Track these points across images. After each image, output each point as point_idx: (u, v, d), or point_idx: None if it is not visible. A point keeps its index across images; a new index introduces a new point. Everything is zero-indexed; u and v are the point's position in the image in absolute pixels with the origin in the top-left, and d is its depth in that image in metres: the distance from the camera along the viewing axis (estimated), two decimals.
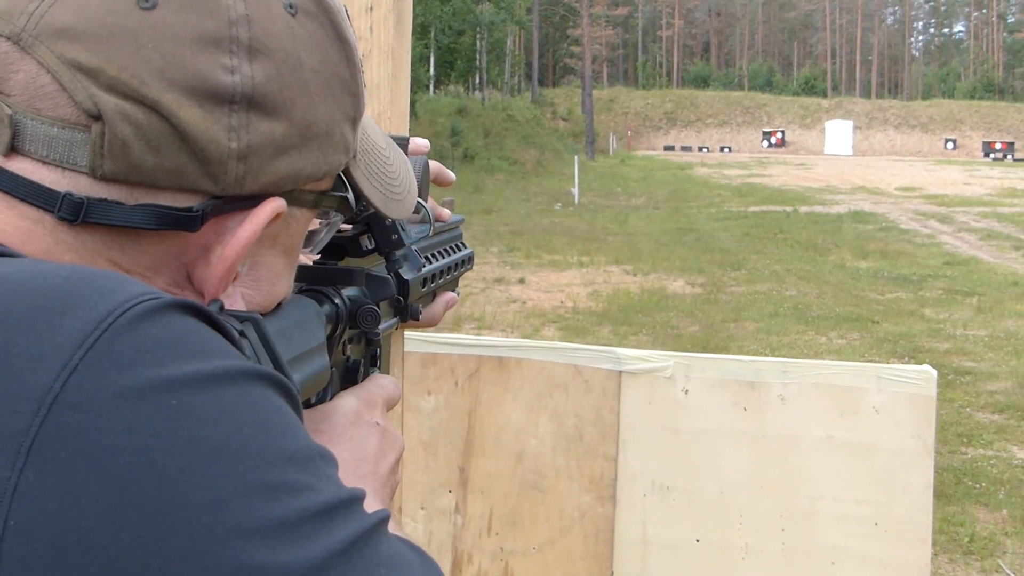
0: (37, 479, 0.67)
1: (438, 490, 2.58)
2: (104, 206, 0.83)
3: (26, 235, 0.84)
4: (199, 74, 0.82)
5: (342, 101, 0.94)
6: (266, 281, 0.97)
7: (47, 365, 0.69)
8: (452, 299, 1.52)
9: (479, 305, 14.45)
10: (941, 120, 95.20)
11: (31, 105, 0.81)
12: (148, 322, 0.73)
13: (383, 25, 1.46)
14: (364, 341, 1.28)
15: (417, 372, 2.54)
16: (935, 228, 25.34)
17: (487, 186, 35.86)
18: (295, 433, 0.78)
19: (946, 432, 8.62)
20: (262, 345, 0.92)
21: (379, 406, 1.17)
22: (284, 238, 0.96)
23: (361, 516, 0.78)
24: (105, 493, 0.67)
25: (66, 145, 0.81)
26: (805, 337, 12.77)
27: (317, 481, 0.76)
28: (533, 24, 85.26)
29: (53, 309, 0.72)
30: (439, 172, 1.48)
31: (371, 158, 1.05)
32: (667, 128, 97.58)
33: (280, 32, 0.87)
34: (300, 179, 0.92)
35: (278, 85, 0.86)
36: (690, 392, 2.48)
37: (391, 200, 1.08)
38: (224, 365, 0.75)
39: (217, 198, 0.87)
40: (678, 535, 2.49)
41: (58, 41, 0.80)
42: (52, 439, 0.67)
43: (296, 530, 0.72)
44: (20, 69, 0.81)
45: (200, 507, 0.69)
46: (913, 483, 2.40)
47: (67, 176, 0.82)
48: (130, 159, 0.82)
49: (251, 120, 0.85)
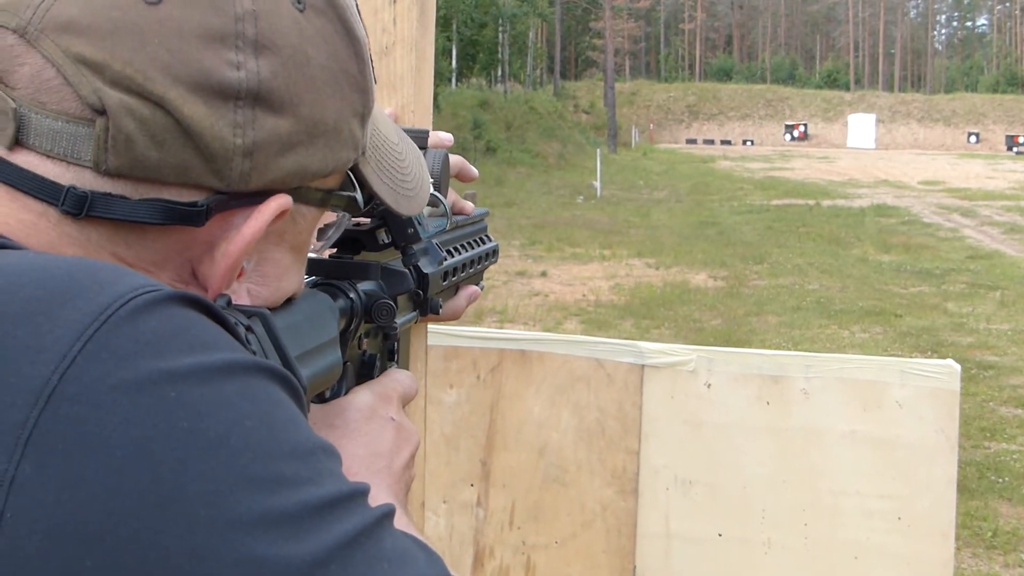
0: (35, 471, 0.66)
1: (460, 484, 2.58)
2: (108, 200, 0.83)
3: (30, 228, 0.83)
4: (204, 70, 0.82)
5: (350, 97, 0.93)
6: (272, 277, 0.97)
7: (45, 357, 0.69)
8: (475, 292, 1.52)
9: (501, 298, 14.45)
10: (964, 114, 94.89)
11: (36, 99, 0.81)
12: (148, 314, 0.72)
13: (406, 17, 1.45)
14: (381, 335, 1.28)
15: (439, 365, 2.54)
16: (958, 222, 25.24)
17: (509, 179, 35.83)
18: (297, 427, 0.77)
19: (969, 426, 8.59)
20: (270, 340, 0.92)
21: (394, 401, 1.17)
22: (291, 235, 0.96)
23: (364, 510, 0.78)
24: (103, 485, 0.67)
25: (70, 139, 0.81)
26: (828, 331, 12.73)
27: (319, 475, 0.75)
28: (555, 17, 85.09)
29: (52, 301, 0.71)
30: (462, 167, 1.47)
31: (382, 154, 1.05)
32: (689, 121, 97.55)
33: (287, 28, 0.87)
34: (307, 176, 0.91)
35: (284, 81, 0.86)
36: (713, 386, 2.47)
37: (402, 196, 1.08)
38: (225, 357, 0.75)
39: (222, 194, 0.86)
40: (700, 529, 2.48)
41: (63, 35, 0.80)
42: (50, 431, 0.67)
43: (297, 523, 0.71)
44: (26, 62, 0.81)
45: (198, 499, 0.68)
46: (936, 477, 2.39)
47: (71, 170, 0.82)
48: (134, 154, 0.82)
49: (257, 116, 0.85)
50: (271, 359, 0.91)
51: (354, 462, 1.06)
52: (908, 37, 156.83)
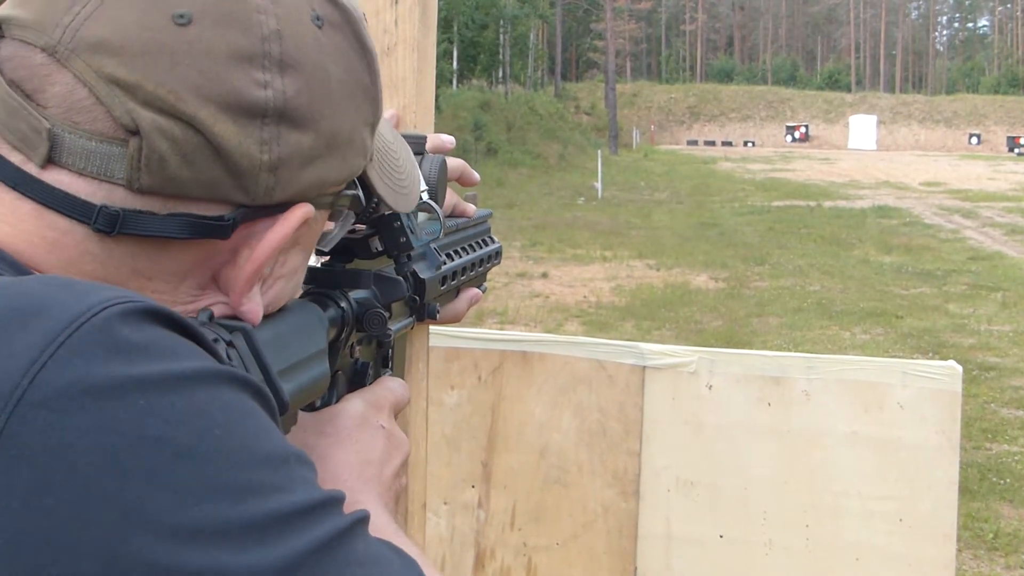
0: (2, 475, 0.66)
1: (461, 485, 2.57)
2: (138, 217, 0.84)
3: (51, 245, 0.84)
4: (234, 90, 0.83)
5: (363, 108, 0.95)
6: (284, 278, 0.99)
7: (15, 363, 0.69)
8: (476, 295, 1.51)
9: (502, 299, 14.45)
10: (965, 115, 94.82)
11: (68, 118, 0.82)
12: (120, 323, 0.72)
13: (408, 18, 1.45)
14: (375, 343, 1.27)
15: (440, 367, 2.54)
16: (959, 223, 25.24)
17: (510, 180, 35.83)
18: (268, 436, 0.78)
19: (970, 428, 8.59)
20: (252, 356, 0.92)
21: (386, 409, 1.17)
22: (305, 238, 0.98)
23: (336, 517, 0.78)
24: (69, 491, 0.67)
25: (104, 158, 0.82)
26: (829, 332, 12.73)
27: (290, 483, 0.76)
28: (556, 18, 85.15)
29: (27, 310, 0.72)
30: (463, 171, 1.47)
31: (382, 155, 1.07)
32: (690, 122, 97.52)
33: (309, 46, 0.88)
34: (325, 186, 0.94)
35: (307, 98, 0.88)
36: (714, 387, 2.47)
37: (399, 195, 1.09)
38: (195, 366, 0.75)
39: (246, 207, 0.88)
40: (702, 531, 2.48)
41: (95, 55, 0.81)
42: (17, 436, 0.67)
43: (264, 531, 0.72)
44: (56, 82, 0.82)
45: (164, 508, 0.68)
46: (938, 479, 2.39)
47: (103, 188, 0.83)
48: (166, 172, 0.83)
49: (281, 133, 0.87)
50: (253, 375, 0.91)
51: (344, 469, 1.07)
52: (909, 38, 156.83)
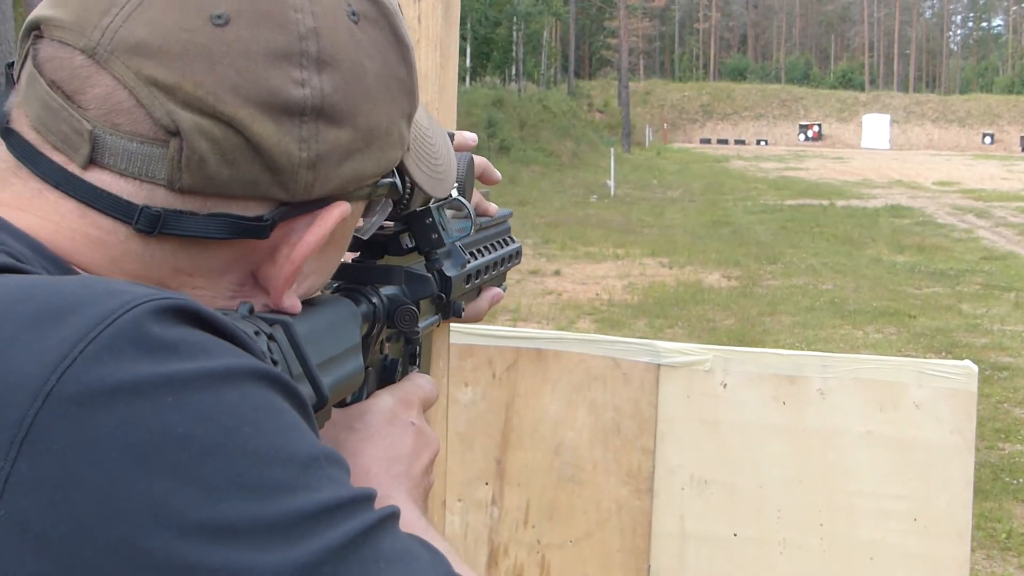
0: (30, 470, 0.67)
1: (475, 482, 2.57)
2: (179, 217, 0.85)
3: (95, 244, 0.85)
4: (272, 89, 0.84)
5: (400, 101, 0.95)
6: (317, 273, 0.99)
7: (47, 358, 0.69)
8: (497, 295, 1.52)
9: (515, 297, 14.44)
10: (979, 115, 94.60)
11: (109, 120, 0.83)
12: (151, 321, 0.73)
13: (431, 14, 1.45)
14: (403, 340, 1.28)
15: (455, 364, 2.54)
16: (972, 223, 25.17)
17: (523, 178, 35.77)
18: (297, 434, 0.77)
19: (983, 428, 8.56)
20: (291, 348, 0.93)
21: (415, 406, 1.18)
22: (340, 232, 0.98)
23: (364, 514, 0.78)
24: (96, 487, 0.67)
25: (145, 159, 0.83)
26: (841, 331, 12.71)
27: (318, 482, 0.75)
28: (569, 15, 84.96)
29: (61, 308, 0.72)
30: (485, 168, 1.47)
31: (419, 143, 1.07)
32: (703, 121, 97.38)
33: (345, 42, 0.88)
34: (363, 180, 0.94)
35: (344, 94, 0.88)
36: (729, 386, 2.47)
37: (435, 180, 1.10)
38: (225, 364, 0.75)
39: (285, 204, 0.89)
40: (716, 529, 2.48)
41: (134, 57, 0.82)
42: (46, 431, 0.67)
43: (289, 530, 0.72)
44: (97, 84, 0.83)
45: (189, 505, 0.69)
46: (953, 478, 2.38)
47: (144, 188, 0.84)
48: (207, 172, 0.84)
49: (320, 130, 0.87)
50: (293, 367, 0.92)
51: (374, 465, 1.07)
52: (923, 37, 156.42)
